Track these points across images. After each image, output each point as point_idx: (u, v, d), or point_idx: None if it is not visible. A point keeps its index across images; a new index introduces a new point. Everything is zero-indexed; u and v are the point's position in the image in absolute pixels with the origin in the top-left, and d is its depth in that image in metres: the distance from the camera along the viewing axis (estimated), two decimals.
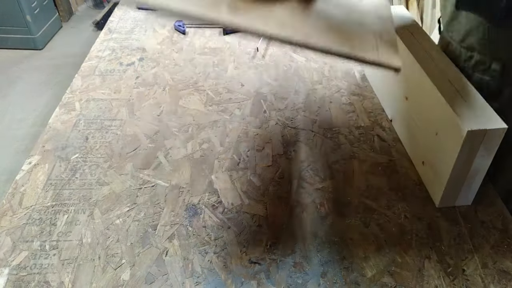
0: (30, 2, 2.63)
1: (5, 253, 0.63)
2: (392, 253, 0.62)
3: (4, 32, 2.70)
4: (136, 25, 1.25)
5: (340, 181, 0.74)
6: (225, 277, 0.59)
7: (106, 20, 1.30)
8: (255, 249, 0.63)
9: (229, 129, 0.85)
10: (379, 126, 0.86)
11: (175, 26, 1.22)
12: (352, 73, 1.02)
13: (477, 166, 0.62)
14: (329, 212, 0.68)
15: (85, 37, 2.94)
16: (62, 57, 2.72)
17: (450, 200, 0.68)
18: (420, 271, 0.60)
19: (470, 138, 0.58)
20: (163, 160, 0.78)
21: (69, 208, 0.69)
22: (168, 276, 0.60)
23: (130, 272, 0.60)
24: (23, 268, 0.61)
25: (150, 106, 0.92)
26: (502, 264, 0.61)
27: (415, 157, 0.76)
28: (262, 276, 0.59)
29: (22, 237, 0.65)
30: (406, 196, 0.71)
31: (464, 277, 0.59)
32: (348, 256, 0.62)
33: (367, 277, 0.59)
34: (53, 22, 2.94)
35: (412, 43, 0.77)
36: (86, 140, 0.82)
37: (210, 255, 0.62)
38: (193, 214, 0.68)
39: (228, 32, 1.20)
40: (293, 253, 0.62)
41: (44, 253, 0.63)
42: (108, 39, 1.18)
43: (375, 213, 0.68)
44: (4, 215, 0.68)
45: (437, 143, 0.67)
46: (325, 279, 0.59)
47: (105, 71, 1.04)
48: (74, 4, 3.28)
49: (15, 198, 0.71)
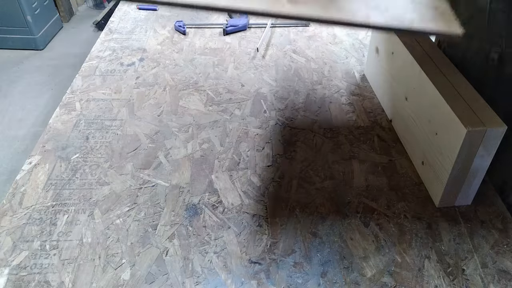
0: (31, 2, 2.63)
1: (5, 253, 0.63)
2: (392, 253, 0.62)
3: (4, 32, 2.70)
4: (137, 25, 1.26)
5: (340, 181, 0.74)
6: (225, 277, 0.60)
7: (107, 21, 1.31)
8: (255, 249, 0.63)
9: (229, 129, 0.85)
10: (379, 126, 0.86)
11: (176, 26, 1.22)
12: (352, 73, 1.02)
13: (476, 166, 0.62)
14: (329, 212, 0.68)
15: (85, 37, 2.94)
16: (62, 58, 2.72)
17: (450, 200, 0.68)
18: (420, 271, 0.60)
19: (470, 138, 0.59)
20: (163, 160, 0.78)
21: (69, 208, 0.69)
22: (168, 276, 0.60)
23: (130, 272, 0.60)
24: (23, 268, 0.61)
25: (151, 106, 0.92)
26: (502, 264, 0.61)
27: (415, 157, 0.76)
28: (262, 276, 0.60)
29: (23, 237, 0.65)
30: (406, 196, 0.71)
31: (464, 277, 0.59)
32: (348, 256, 0.62)
33: (367, 277, 0.59)
34: (53, 22, 2.94)
35: (412, 43, 0.77)
36: (87, 140, 0.82)
37: (210, 255, 0.62)
38: (193, 214, 0.68)
39: (228, 32, 1.21)
40: (293, 253, 0.62)
41: (44, 253, 0.63)
42: (109, 39, 1.18)
43: (375, 213, 0.68)
44: (4, 215, 0.68)
45: (436, 143, 0.67)
46: (325, 279, 0.59)
47: (106, 71, 1.04)
48: (75, 5, 3.28)
49: (16, 198, 0.71)
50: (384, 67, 0.88)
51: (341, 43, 1.13)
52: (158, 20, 1.28)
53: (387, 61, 0.86)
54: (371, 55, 0.96)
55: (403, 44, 0.77)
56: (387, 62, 0.86)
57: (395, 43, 0.81)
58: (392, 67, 0.83)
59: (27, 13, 2.62)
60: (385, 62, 0.87)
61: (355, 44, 1.13)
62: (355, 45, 1.13)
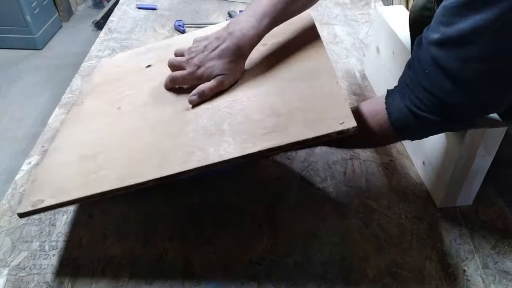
0: (30, 2, 2.63)
1: (4, 254, 0.62)
2: (393, 253, 0.62)
3: (3, 32, 2.70)
4: (136, 25, 1.25)
5: (340, 181, 0.74)
6: (225, 277, 0.59)
7: (106, 20, 1.30)
8: (255, 249, 0.63)
9: None
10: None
11: (175, 26, 1.22)
12: (353, 73, 1.02)
13: (477, 166, 0.62)
14: (329, 212, 0.68)
15: (85, 37, 2.94)
16: (62, 57, 2.71)
17: (450, 200, 0.68)
18: (420, 271, 0.60)
19: (471, 138, 0.58)
20: None
21: (69, 208, 0.69)
22: (168, 276, 0.59)
23: (130, 272, 0.60)
24: (22, 269, 0.60)
25: None
26: (503, 265, 0.61)
27: (416, 157, 0.76)
28: (262, 276, 0.59)
29: (22, 238, 0.65)
30: (406, 196, 0.71)
31: (465, 277, 0.59)
32: (348, 256, 0.62)
33: (368, 277, 0.59)
34: (53, 22, 2.93)
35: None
36: None
37: (210, 255, 0.62)
38: (193, 214, 0.68)
39: None
40: (293, 254, 0.62)
41: (43, 254, 0.62)
42: (108, 39, 1.18)
43: (376, 213, 0.68)
44: (4, 215, 0.68)
45: (437, 143, 0.66)
46: (325, 280, 0.59)
47: None
48: (74, 4, 3.28)
49: (15, 198, 0.71)
50: (385, 67, 0.88)
51: (341, 43, 1.13)
52: (157, 19, 1.28)
53: (388, 61, 0.86)
54: (371, 55, 0.96)
55: (402, 42, 0.76)
56: (388, 61, 0.86)
57: (396, 42, 0.81)
58: (393, 66, 0.83)
59: (26, 13, 2.61)
60: (386, 61, 0.87)
61: (355, 43, 1.13)
62: (355, 44, 1.12)
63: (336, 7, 1.33)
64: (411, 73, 0.51)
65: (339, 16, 1.27)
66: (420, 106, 0.50)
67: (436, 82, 0.48)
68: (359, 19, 1.25)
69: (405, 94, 0.52)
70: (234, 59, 0.62)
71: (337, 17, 1.26)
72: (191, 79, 0.65)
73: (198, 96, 0.62)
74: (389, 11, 0.88)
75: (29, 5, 2.62)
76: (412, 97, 0.51)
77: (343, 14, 1.28)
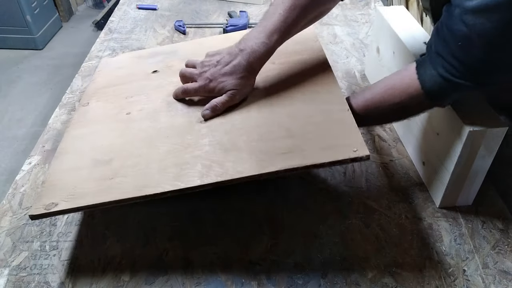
0: (30, 2, 2.63)
1: (5, 254, 0.62)
2: (393, 253, 0.62)
3: (4, 32, 2.70)
4: (136, 25, 1.25)
5: (340, 181, 0.74)
6: (225, 277, 0.59)
7: (106, 20, 1.30)
8: (255, 249, 0.63)
9: None
10: (380, 126, 0.85)
11: (175, 26, 1.22)
12: (353, 73, 1.02)
13: (477, 166, 0.62)
14: (329, 212, 0.68)
15: (85, 37, 2.94)
16: (62, 57, 2.71)
17: (450, 200, 0.68)
18: (421, 271, 0.60)
19: (471, 138, 0.58)
20: None
21: None
22: (168, 276, 0.59)
23: (130, 273, 0.60)
24: (23, 269, 0.60)
25: None
26: (503, 265, 0.61)
27: (416, 157, 0.76)
28: (263, 276, 0.59)
29: (22, 238, 0.65)
30: (406, 197, 0.71)
31: (465, 277, 0.59)
32: (348, 256, 0.62)
33: (368, 277, 0.59)
34: (53, 22, 2.93)
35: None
36: None
37: (210, 255, 0.62)
38: (193, 214, 0.68)
39: (228, 32, 1.20)
40: (293, 254, 0.62)
41: (44, 254, 0.62)
42: (109, 39, 1.18)
43: (376, 213, 0.68)
44: (4, 215, 0.68)
45: (438, 143, 0.66)
46: (325, 280, 0.59)
47: None
48: (74, 4, 3.28)
49: (15, 198, 0.71)
50: (385, 67, 0.88)
51: (341, 43, 1.13)
52: (158, 19, 1.28)
53: (388, 61, 0.86)
54: (371, 55, 0.96)
55: (405, 44, 0.76)
56: (388, 61, 0.86)
57: (396, 42, 0.81)
58: (393, 66, 0.83)
59: (27, 13, 2.61)
60: (386, 61, 0.87)
61: (355, 43, 1.13)
62: (355, 44, 1.12)
63: (336, 7, 1.32)
64: (442, 42, 0.53)
65: (339, 16, 1.27)
66: (454, 73, 0.52)
67: (471, 54, 0.50)
68: (359, 19, 1.25)
69: (438, 63, 0.54)
70: (246, 74, 0.64)
71: (337, 17, 1.26)
72: (203, 92, 0.66)
73: (211, 110, 0.64)
74: (389, 11, 0.88)
75: (29, 5, 2.62)
76: (446, 65, 0.53)
77: (343, 14, 1.28)
